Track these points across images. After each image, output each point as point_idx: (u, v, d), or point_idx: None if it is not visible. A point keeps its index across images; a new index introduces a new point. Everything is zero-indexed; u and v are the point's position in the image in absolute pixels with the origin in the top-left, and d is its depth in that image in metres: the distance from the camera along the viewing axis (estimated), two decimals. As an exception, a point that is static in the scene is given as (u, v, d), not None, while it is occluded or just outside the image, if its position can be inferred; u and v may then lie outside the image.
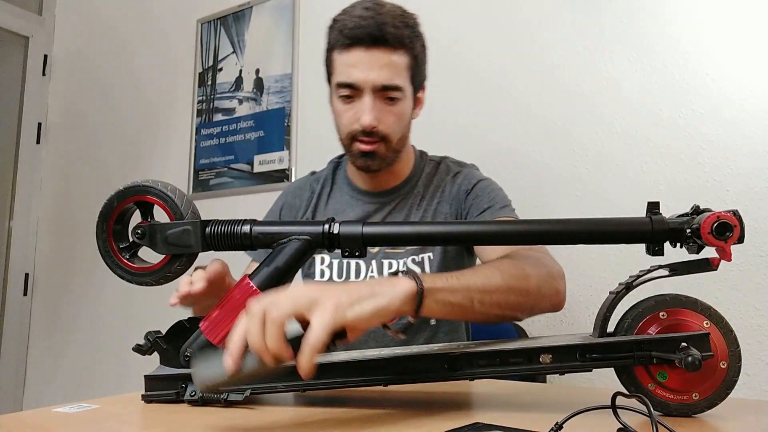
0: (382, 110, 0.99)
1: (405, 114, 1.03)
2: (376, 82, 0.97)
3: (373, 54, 0.96)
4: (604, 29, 1.48)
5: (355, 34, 0.96)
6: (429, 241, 0.84)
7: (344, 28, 0.97)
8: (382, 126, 0.99)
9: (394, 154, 1.05)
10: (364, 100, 0.98)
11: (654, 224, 0.64)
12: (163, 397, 0.67)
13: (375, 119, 0.98)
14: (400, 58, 0.98)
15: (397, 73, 0.98)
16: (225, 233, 0.69)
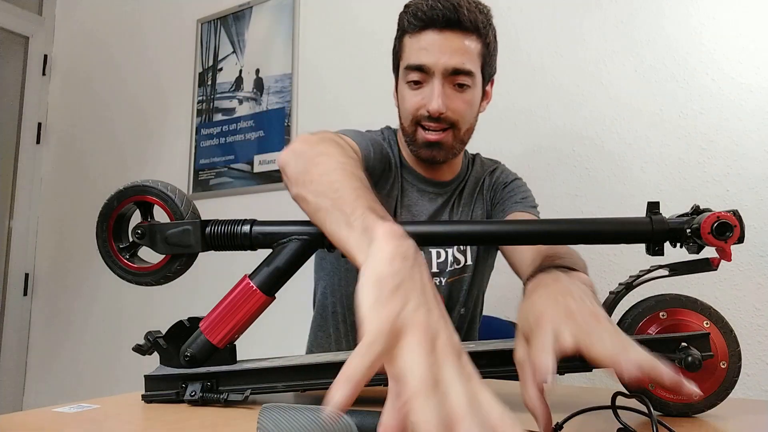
0: (451, 96, 0.94)
1: (474, 103, 0.98)
2: (448, 65, 0.92)
3: (447, 36, 0.92)
4: (604, 29, 1.48)
5: (430, 16, 0.91)
6: (429, 241, 0.84)
7: (418, 10, 0.93)
8: (451, 113, 0.94)
9: (461, 145, 1.00)
10: (434, 84, 0.93)
11: (654, 224, 0.64)
12: (163, 397, 0.67)
13: (444, 105, 0.93)
14: (474, 44, 0.94)
15: (469, 58, 0.93)
16: (225, 233, 0.69)
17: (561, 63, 1.53)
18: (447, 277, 1.03)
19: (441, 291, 1.03)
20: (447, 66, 0.92)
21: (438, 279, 1.03)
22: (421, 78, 0.95)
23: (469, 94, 0.96)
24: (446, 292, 1.03)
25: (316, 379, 0.66)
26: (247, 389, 0.66)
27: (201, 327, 0.68)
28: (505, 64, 1.63)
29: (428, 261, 1.01)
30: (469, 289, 1.07)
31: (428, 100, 0.93)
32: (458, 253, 1.04)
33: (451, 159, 1.02)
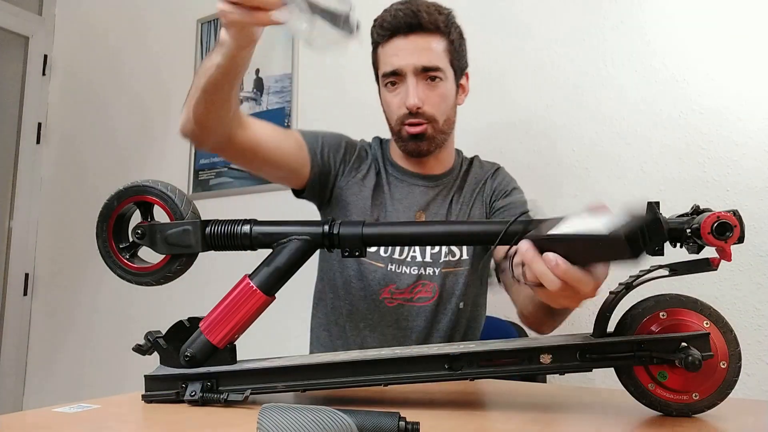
0: (425, 91, 1.04)
1: (448, 95, 1.07)
2: (417, 64, 1.02)
3: (412, 40, 1.03)
4: (604, 29, 1.48)
5: (394, 24, 1.03)
6: (430, 241, 0.84)
7: (383, 21, 1.04)
8: (428, 106, 1.04)
9: (443, 135, 1.09)
10: (408, 83, 1.03)
11: (654, 224, 0.64)
12: (164, 397, 0.67)
13: (419, 99, 1.02)
14: (438, 43, 1.04)
15: (436, 56, 1.03)
16: (225, 233, 0.69)
17: (561, 63, 1.53)
18: (441, 267, 1.08)
19: (434, 279, 1.07)
20: (416, 65, 1.02)
21: (432, 269, 1.08)
22: (396, 80, 1.05)
23: (443, 87, 1.05)
24: (440, 281, 1.08)
25: (316, 379, 0.66)
26: (247, 389, 0.66)
27: (201, 327, 0.68)
28: (505, 64, 1.64)
29: (422, 251, 1.08)
30: (466, 283, 1.10)
31: (406, 98, 1.03)
32: (454, 247, 1.09)
33: (435, 151, 1.10)
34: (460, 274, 1.09)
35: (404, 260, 1.07)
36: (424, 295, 1.07)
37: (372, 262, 1.07)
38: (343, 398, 0.70)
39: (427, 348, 0.70)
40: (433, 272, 1.07)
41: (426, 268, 1.07)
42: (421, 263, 1.07)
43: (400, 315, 1.07)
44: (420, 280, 1.07)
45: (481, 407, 0.72)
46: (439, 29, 1.04)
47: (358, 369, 0.66)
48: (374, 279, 1.07)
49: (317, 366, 0.66)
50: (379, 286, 1.07)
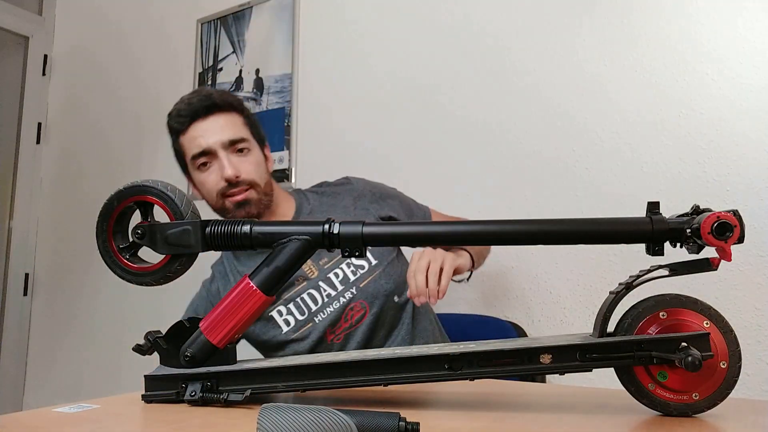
0: (238, 162, 1.12)
1: (260, 162, 1.16)
2: (224, 139, 1.11)
3: (212, 120, 1.11)
4: (603, 29, 1.48)
5: (190, 111, 1.12)
6: (429, 240, 0.84)
7: (180, 111, 1.14)
8: (245, 174, 1.12)
9: (267, 197, 1.16)
10: (220, 157, 1.11)
11: (654, 224, 0.64)
12: (164, 397, 0.67)
13: (236, 169, 1.10)
14: (235, 118, 1.14)
15: (238, 129, 1.13)
16: (225, 233, 0.69)
17: (561, 63, 1.53)
18: (357, 284, 1.16)
19: (356, 298, 1.15)
20: (224, 140, 1.11)
21: (348, 292, 1.15)
22: (207, 159, 1.12)
23: (252, 156, 1.15)
24: (363, 295, 1.15)
25: (316, 379, 0.66)
26: (247, 389, 0.66)
27: (201, 327, 0.68)
28: (505, 64, 1.64)
29: (331, 286, 1.15)
30: (391, 279, 1.17)
31: (221, 171, 1.10)
32: (357, 261, 1.17)
33: (266, 212, 1.17)
34: (379, 276, 1.16)
35: (323, 305, 1.15)
36: (357, 315, 1.15)
37: (301, 329, 1.15)
38: (343, 398, 0.70)
39: (427, 348, 0.70)
40: (351, 294, 1.15)
41: (343, 295, 1.15)
42: (337, 295, 1.15)
43: (353, 342, 1.15)
44: (346, 308, 1.15)
45: (481, 407, 0.72)
46: (233, 106, 1.14)
47: (358, 369, 0.66)
48: (313, 337, 1.14)
49: (317, 366, 0.66)
50: (321, 338, 1.14)
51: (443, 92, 1.70)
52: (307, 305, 1.15)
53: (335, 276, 1.16)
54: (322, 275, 1.16)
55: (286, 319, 1.15)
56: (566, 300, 1.46)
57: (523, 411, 0.68)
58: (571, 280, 1.46)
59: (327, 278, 1.16)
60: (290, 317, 1.15)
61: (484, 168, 1.61)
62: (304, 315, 1.15)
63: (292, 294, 1.16)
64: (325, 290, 1.15)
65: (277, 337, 1.16)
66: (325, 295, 1.15)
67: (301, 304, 1.15)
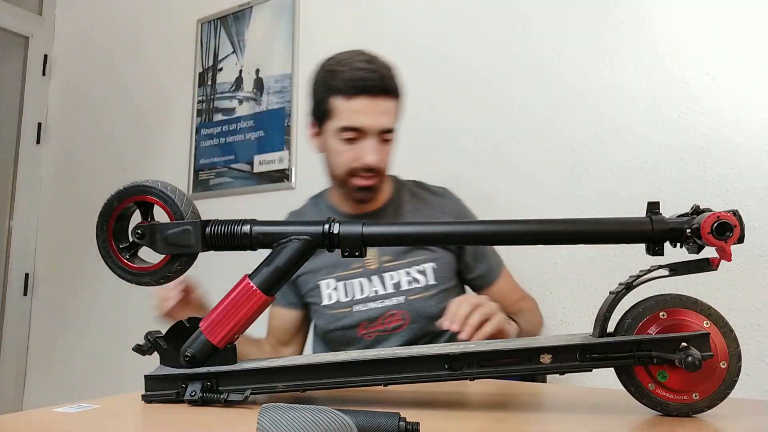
0: (380, 151, 1.12)
1: (393, 151, 1.17)
2: (380, 126, 1.10)
3: (377, 103, 1.09)
4: (604, 29, 1.48)
5: (363, 85, 1.08)
6: (430, 240, 0.85)
7: (350, 79, 1.09)
8: (381, 163, 1.13)
9: (382, 183, 1.18)
10: (368, 142, 1.10)
11: (654, 224, 0.64)
12: (163, 397, 0.67)
13: (377, 159, 1.11)
14: (395, 105, 1.13)
15: (393, 118, 1.13)
16: (225, 233, 0.69)
17: (561, 63, 1.53)
18: (407, 294, 1.15)
19: (401, 307, 1.15)
20: (380, 127, 1.10)
21: (396, 298, 1.15)
22: (355, 136, 1.11)
23: (391, 146, 1.15)
24: (409, 308, 1.15)
25: (316, 379, 0.66)
26: (247, 389, 0.66)
27: (201, 327, 0.68)
28: (504, 64, 1.64)
29: (383, 285, 1.16)
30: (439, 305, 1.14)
31: (363, 155, 1.10)
32: (416, 274, 1.16)
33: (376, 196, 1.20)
34: (430, 297, 1.15)
35: (367, 297, 1.16)
36: (396, 323, 1.15)
37: (338, 310, 1.16)
38: (343, 398, 0.70)
39: (427, 348, 0.70)
40: (398, 301, 1.15)
41: (390, 298, 1.15)
42: (385, 295, 1.15)
43: (380, 346, 1.15)
44: (387, 311, 1.15)
45: (481, 407, 0.72)
46: (397, 93, 1.13)
47: (358, 369, 0.66)
48: (346, 324, 1.15)
49: (317, 366, 0.66)
50: (353, 327, 1.15)
51: (443, 94, 1.70)
52: (353, 291, 1.16)
53: (390, 278, 1.16)
54: (378, 271, 1.16)
55: (330, 293, 1.17)
56: (566, 300, 1.46)
57: (523, 411, 0.68)
58: (571, 280, 1.46)
59: (382, 276, 1.16)
60: (334, 294, 1.17)
61: (483, 169, 1.61)
62: (347, 298, 1.16)
63: (346, 274, 1.17)
64: (375, 286, 1.16)
65: (316, 305, 1.18)
66: (373, 291, 1.15)
67: (349, 287, 1.16)
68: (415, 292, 1.15)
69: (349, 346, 1.16)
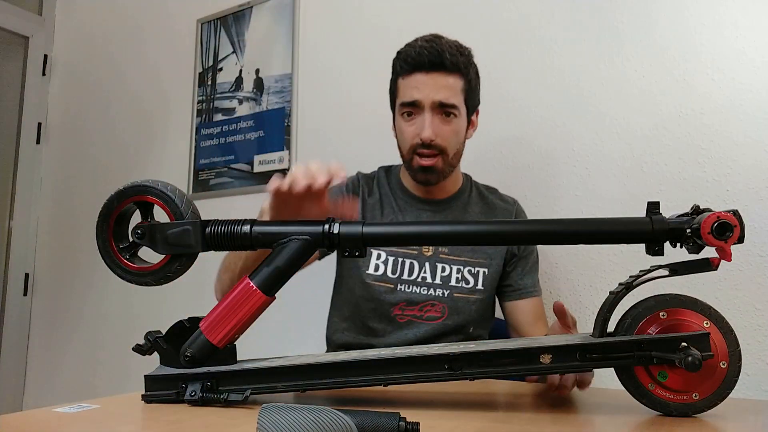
0: (439, 126, 1.10)
1: (460, 131, 1.14)
2: (435, 99, 1.08)
3: (433, 77, 1.09)
4: (604, 29, 1.48)
5: (417, 61, 1.09)
6: (429, 241, 0.85)
7: (407, 57, 1.11)
8: (440, 140, 1.10)
9: (450, 168, 1.15)
10: (425, 115, 1.09)
11: (654, 224, 0.64)
12: (163, 397, 0.67)
13: (434, 133, 1.09)
14: (456, 82, 1.10)
15: (453, 94, 1.10)
16: (225, 233, 0.69)
17: (560, 63, 1.53)
18: (452, 291, 1.14)
19: (443, 301, 1.14)
20: (434, 100, 1.09)
21: (441, 290, 1.14)
22: (413, 111, 1.11)
23: (455, 124, 1.12)
24: (450, 304, 1.14)
25: (316, 379, 0.66)
26: (247, 389, 0.66)
27: (201, 327, 0.68)
28: (504, 64, 1.63)
29: (432, 273, 1.15)
30: (479, 311, 1.16)
31: (421, 129, 1.10)
32: (468, 274, 1.15)
33: (442, 181, 1.17)
34: (473, 301, 1.15)
35: (414, 280, 1.14)
36: (433, 314, 1.14)
37: (381, 283, 1.14)
38: (343, 398, 0.70)
39: (427, 348, 0.70)
40: (442, 294, 1.14)
41: (435, 289, 1.14)
42: (431, 284, 1.14)
43: (410, 330, 1.13)
44: (429, 300, 1.14)
45: (481, 407, 0.72)
46: (459, 69, 1.10)
47: (358, 369, 0.67)
48: (385, 299, 1.14)
49: (317, 366, 0.67)
50: (390, 305, 1.14)
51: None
52: (402, 270, 1.15)
53: (441, 269, 1.15)
54: (432, 259, 1.15)
55: (378, 264, 1.15)
56: (566, 300, 1.46)
57: (523, 411, 0.68)
58: (571, 280, 1.46)
59: (434, 265, 1.15)
60: (382, 266, 1.15)
61: (483, 169, 1.61)
62: (393, 275, 1.14)
63: (399, 251, 1.15)
64: (425, 272, 1.14)
65: (357, 269, 1.16)
66: (421, 277, 1.14)
67: (399, 265, 1.15)
68: (462, 291, 1.14)
69: (381, 320, 1.14)
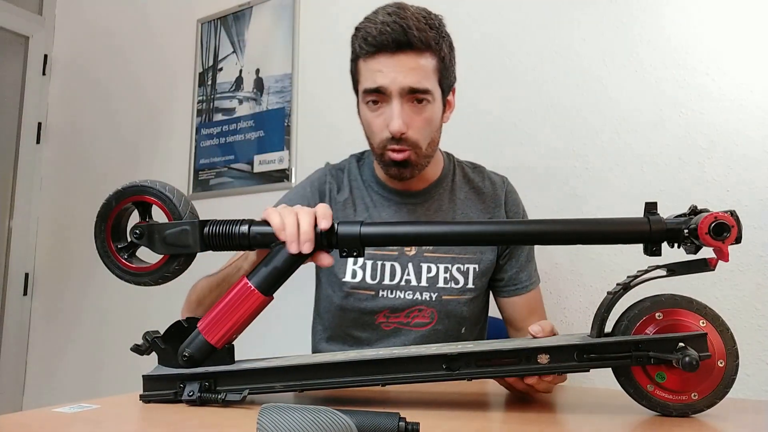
0: (411, 115, 0.96)
1: (435, 118, 1.00)
2: (404, 84, 0.94)
3: (400, 58, 0.93)
4: (604, 29, 1.48)
5: (380, 41, 0.93)
6: (428, 241, 0.84)
7: (368, 35, 0.95)
8: (412, 132, 0.96)
9: (426, 159, 1.02)
10: (393, 105, 0.95)
11: (651, 224, 0.64)
12: (162, 397, 0.67)
13: (404, 124, 0.95)
14: (427, 61, 0.95)
15: (424, 76, 0.95)
16: (223, 233, 0.69)
17: (561, 63, 1.53)
18: (441, 293, 1.04)
19: (432, 305, 1.03)
20: (403, 85, 0.94)
21: (428, 293, 1.03)
22: (379, 98, 0.96)
23: (429, 111, 0.97)
24: (439, 307, 1.04)
25: (314, 379, 0.66)
26: (245, 389, 0.66)
27: (199, 327, 0.68)
28: (504, 64, 1.63)
29: (417, 275, 1.04)
30: (471, 311, 1.07)
31: (389, 120, 0.95)
32: (457, 273, 1.04)
33: (419, 174, 1.04)
34: (465, 302, 1.05)
35: (397, 285, 1.03)
36: (421, 320, 1.04)
37: (361, 291, 1.04)
38: (343, 398, 0.70)
39: (425, 348, 0.70)
40: (430, 297, 1.03)
41: (422, 293, 1.03)
42: (416, 287, 1.03)
43: (397, 339, 1.04)
44: (415, 305, 1.03)
45: (480, 407, 0.72)
46: (429, 46, 0.95)
47: (357, 369, 0.67)
48: (366, 308, 1.04)
49: (315, 366, 0.67)
50: (373, 313, 1.04)
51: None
52: (382, 274, 1.03)
53: (427, 269, 1.03)
54: (416, 259, 1.04)
55: (355, 270, 1.04)
56: (566, 300, 1.46)
57: (523, 411, 0.68)
58: (571, 280, 1.46)
59: (419, 266, 1.03)
60: (360, 272, 1.03)
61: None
62: (373, 281, 1.03)
63: (378, 253, 1.04)
64: (408, 275, 1.03)
65: (334, 276, 1.05)
66: (404, 280, 1.03)
67: (379, 269, 1.03)
68: (451, 292, 1.03)
69: (364, 329, 1.05)
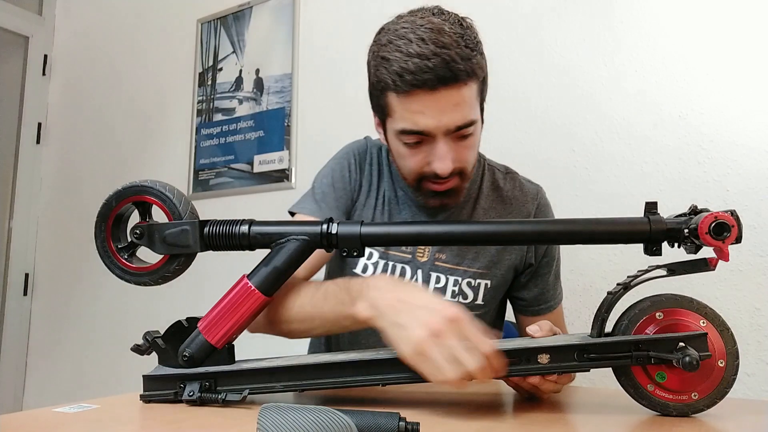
0: (456, 149, 0.86)
1: (478, 140, 0.92)
2: (450, 126, 0.83)
3: (442, 95, 0.80)
4: (604, 29, 1.48)
5: (421, 80, 0.79)
6: (428, 241, 0.83)
7: (404, 72, 0.80)
8: (458, 164, 0.87)
9: (468, 181, 0.94)
10: (438, 145, 0.84)
11: (652, 224, 0.64)
12: (162, 397, 0.67)
13: (451, 163, 0.85)
14: (471, 90, 0.84)
15: (470, 108, 0.84)
16: (223, 233, 0.69)
17: (561, 63, 1.53)
18: None
19: None
20: (449, 126, 0.83)
21: None
22: (419, 140, 0.85)
23: (474, 139, 0.89)
24: None
25: (315, 379, 0.66)
26: (246, 389, 0.66)
27: (199, 327, 0.68)
28: (504, 64, 1.63)
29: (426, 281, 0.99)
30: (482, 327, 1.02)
31: (433, 160, 0.85)
32: (467, 287, 1.00)
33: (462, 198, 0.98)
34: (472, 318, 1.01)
35: None
36: None
37: None
38: (343, 398, 0.70)
39: (425, 348, 0.70)
40: None
41: None
42: None
43: None
44: None
45: (480, 407, 0.72)
46: (474, 73, 0.83)
47: (357, 369, 0.66)
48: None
49: (315, 366, 0.67)
50: None
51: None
52: (392, 275, 0.98)
53: (436, 280, 0.98)
54: (427, 266, 0.98)
55: (367, 265, 0.99)
56: (566, 300, 1.46)
57: (523, 411, 0.68)
58: (570, 280, 1.46)
59: (428, 274, 0.98)
60: (372, 268, 0.99)
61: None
62: None
63: (393, 254, 0.99)
64: (416, 282, 0.98)
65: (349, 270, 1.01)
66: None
67: (390, 270, 0.99)
68: None
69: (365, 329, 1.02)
